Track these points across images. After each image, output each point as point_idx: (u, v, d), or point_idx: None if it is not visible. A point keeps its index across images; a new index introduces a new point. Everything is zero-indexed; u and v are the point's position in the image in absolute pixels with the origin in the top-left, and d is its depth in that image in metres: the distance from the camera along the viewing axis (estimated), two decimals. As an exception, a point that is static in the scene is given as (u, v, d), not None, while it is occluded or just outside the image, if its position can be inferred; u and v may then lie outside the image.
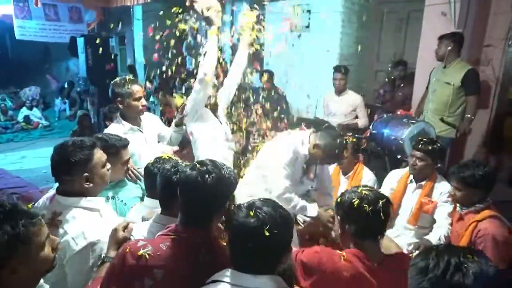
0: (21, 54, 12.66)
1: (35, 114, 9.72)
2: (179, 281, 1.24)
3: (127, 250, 1.27)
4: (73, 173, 1.54)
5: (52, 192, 1.69)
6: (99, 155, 1.62)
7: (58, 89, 7.50)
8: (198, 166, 1.30)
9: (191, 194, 1.28)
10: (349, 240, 1.48)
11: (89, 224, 1.53)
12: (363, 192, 1.46)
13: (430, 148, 2.45)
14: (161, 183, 1.55)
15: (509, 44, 4.04)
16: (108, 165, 1.70)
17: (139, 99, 2.50)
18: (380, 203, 1.42)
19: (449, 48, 3.48)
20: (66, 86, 8.99)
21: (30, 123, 9.39)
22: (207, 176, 1.26)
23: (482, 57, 4.13)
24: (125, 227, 1.46)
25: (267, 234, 1.11)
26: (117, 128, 2.45)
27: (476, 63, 3.89)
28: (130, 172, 2.16)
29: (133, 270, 1.24)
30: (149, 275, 1.22)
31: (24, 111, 9.63)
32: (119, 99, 2.47)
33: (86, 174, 1.55)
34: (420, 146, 2.48)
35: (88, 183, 1.57)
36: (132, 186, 2.21)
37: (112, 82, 2.54)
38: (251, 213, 1.15)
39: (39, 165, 6.35)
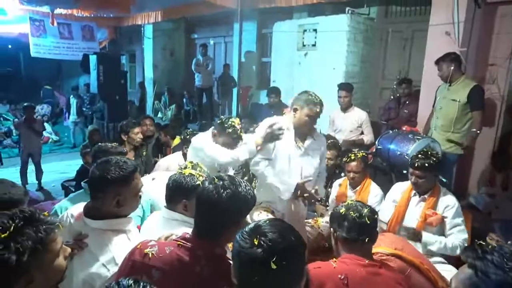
0: (33, 72, 13.01)
1: (46, 129, 9.89)
2: (172, 286, 1.26)
3: (138, 246, 1.33)
4: (106, 191, 1.49)
5: (77, 208, 1.63)
6: (137, 181, 1.57)
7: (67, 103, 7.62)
8: (216, 180, 1.33)
9: (204, 206, 1.31)
10: (341, 246, 1.65)
11: (119, 249, 1.49)
12: (349, 202, 1.72)
13: (426, 164, 2.45)
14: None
15: (514, 63, 4.11)
16: (141, 193, 1.63)
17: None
18: (365, 210, 1.64)
19: (452, 68, 3.53)
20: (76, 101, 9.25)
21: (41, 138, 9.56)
22: (222, 190, 1.28)
23: (487, 75, 4.19)
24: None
25: (274, 266, 0.98)
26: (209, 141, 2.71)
27: (481, 82, 3.93)
28: None
29: (136, 265, 1.29)
30: (147, 273, 1.26)
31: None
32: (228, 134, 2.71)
33: (118, 196, 1.49)
34: (416, 164, 2.47)
35: (117, 206, 1.51)
36: None
37: (232, 125, 2.71)
38: (256, 241, 1.02)
39: (48, 179, 6.42)
